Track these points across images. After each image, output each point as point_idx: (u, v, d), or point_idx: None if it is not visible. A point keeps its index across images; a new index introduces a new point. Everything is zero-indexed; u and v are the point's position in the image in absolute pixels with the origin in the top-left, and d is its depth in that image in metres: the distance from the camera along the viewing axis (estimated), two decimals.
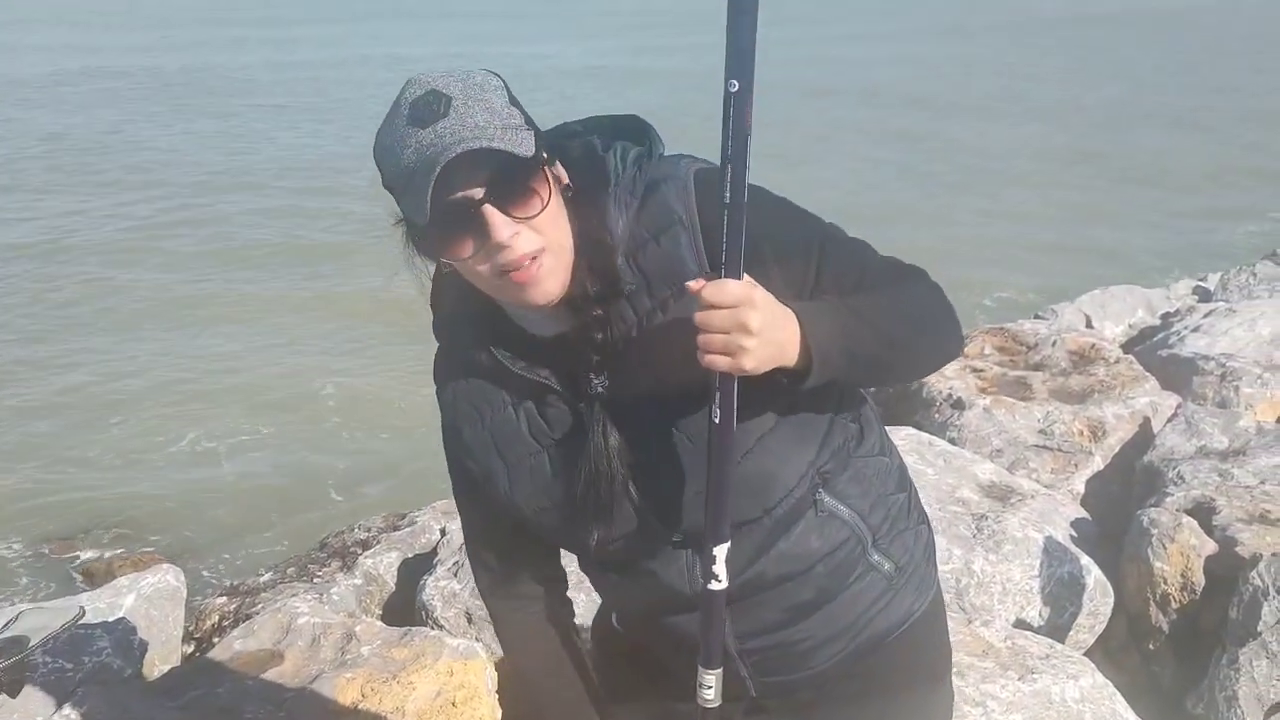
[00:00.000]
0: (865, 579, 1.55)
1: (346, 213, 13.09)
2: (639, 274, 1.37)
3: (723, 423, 1.32)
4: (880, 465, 1.60)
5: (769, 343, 1.24)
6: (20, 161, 16.04)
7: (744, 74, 1.17)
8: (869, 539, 1.55)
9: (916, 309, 1.42)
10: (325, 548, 4.37)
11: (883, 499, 1.58)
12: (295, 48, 32.98)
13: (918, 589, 1.62)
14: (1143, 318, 6.44)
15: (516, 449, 1.49)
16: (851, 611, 1.55)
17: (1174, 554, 3.52)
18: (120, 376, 7.91)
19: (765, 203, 1.39)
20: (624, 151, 1.40)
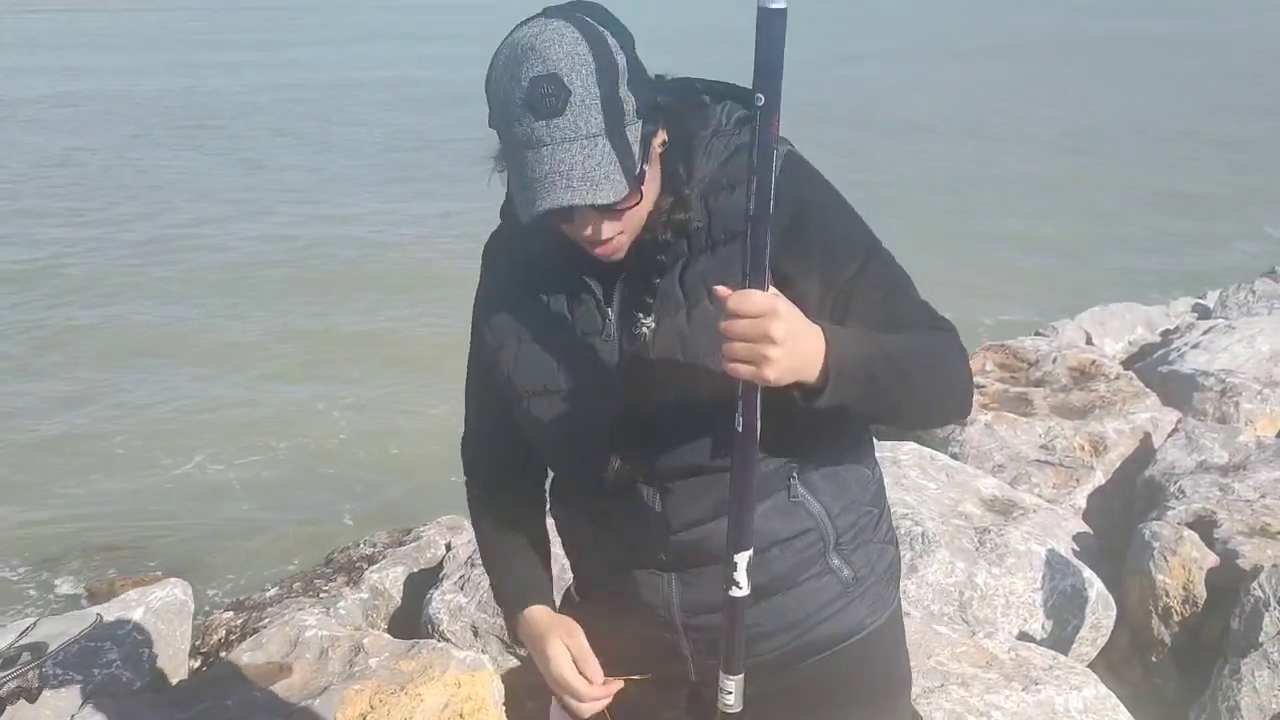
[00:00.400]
0: (821, 580, 1.56)
1: (354, 239, 13.18)
2: (705, 213, 1.43)
3: (745, 431, 1.33)
4: (860, 474, 1.62)
5: (792, 354, 1.25)
6: (20, 184, 16.14)
7: (770, 88, 1.20)
8: (832, 540, 1.56)
9: (940, 364, 1.45)
10: (331, 563, 4.39)
11: (855, 506, 1.59)
12: (293, 70, 33.15)
13: (874, 604, 1.62)
14: (1142, 335, 6.48)
15: (535, 329, 1.53)
16: (801, 608, 1.55)
17: (1176, 567, 3.54)
18: (124, 402, 7.92)
19: (828, 198, 1.46)
20: (731, 109, 1.48)
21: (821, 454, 1.53)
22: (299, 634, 3.30)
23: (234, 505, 6.28)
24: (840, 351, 1.30)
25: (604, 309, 1.47)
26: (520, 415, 1.57)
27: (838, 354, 1.30)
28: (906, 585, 3.50)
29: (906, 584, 3.50)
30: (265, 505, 6.28)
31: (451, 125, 21.13)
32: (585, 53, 1.30)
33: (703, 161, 1.44)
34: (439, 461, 6.74)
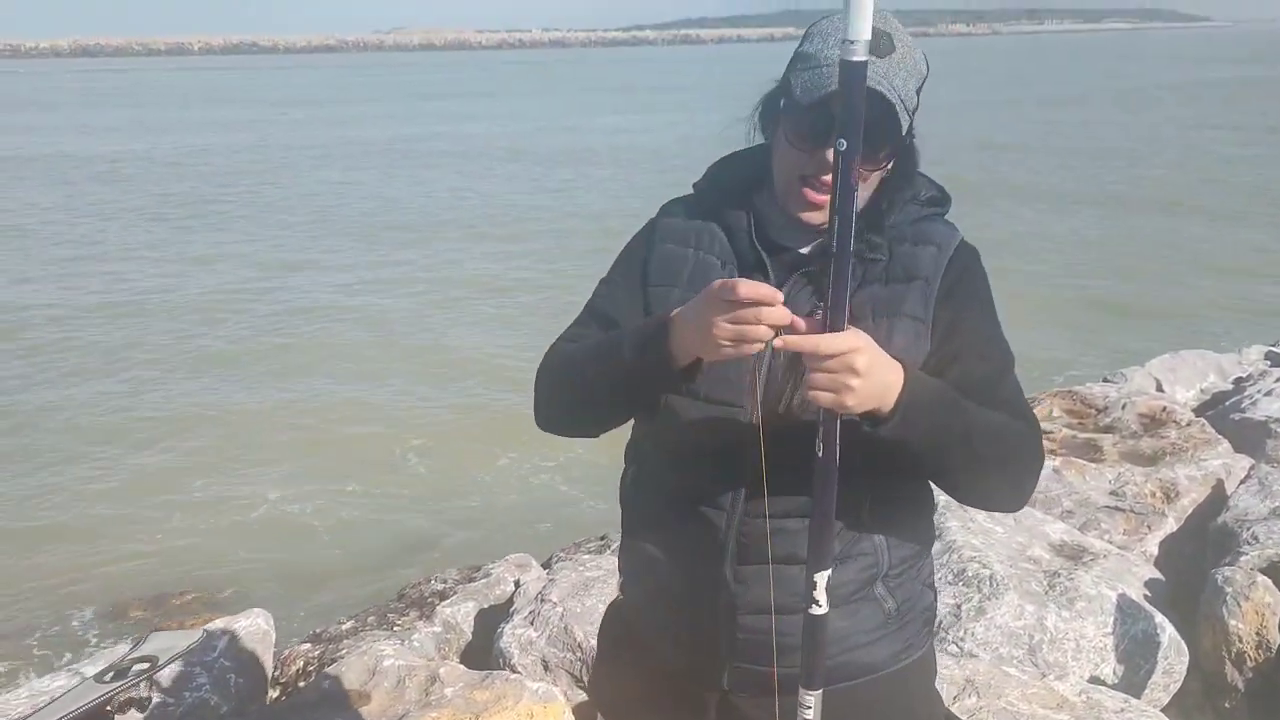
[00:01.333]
0: (865, 606, 1.62)
1: (436, 272, 13.48)
2: (888, 253, 1.60)
3: (826, 456, 1.40)
4: (920, 517, 1.70)
5: (874, 384, 1.36)
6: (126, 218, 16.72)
7: (851, 134, 1.29)
8: (883, 570, 1.63)
9: (1009, 447, 1.52)
10: (403, 598, 4.48)
11: (908, 545, 1.66)
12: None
13: (908, 642, 1.67)
14: (1214, 382, 6.40)
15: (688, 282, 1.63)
16: (841, 629, 1.59)
17: (1249, 612, 3.51)
18: (200, 446, 8.19)
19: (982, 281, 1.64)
20: (929, 188, 1.68)
21: (891, 490, 1.59)
22: (377, 663, 3.39)
23: (309, 543, 6.43)
24: (916, 389, 1.41)
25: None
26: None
27: (913, 391, 1.40)
28: (974, 628, 3.50)
29: (974, 626, 3.51)
30: (339, 543, 6.42)
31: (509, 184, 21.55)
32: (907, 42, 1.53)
33: (899, 210, 1.62)
34: (507, 504, 6.87)
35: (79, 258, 14.90)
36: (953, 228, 1.66)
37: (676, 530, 1.64)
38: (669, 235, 1.69)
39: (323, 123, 37.21)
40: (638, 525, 1.74)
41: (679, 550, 1.64)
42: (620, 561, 1.82)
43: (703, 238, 1.66)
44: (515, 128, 34.53)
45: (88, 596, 5.78)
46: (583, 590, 3.83)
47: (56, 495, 7.30)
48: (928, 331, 1.56)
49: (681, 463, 1.63)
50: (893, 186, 1.62)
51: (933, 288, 1.57)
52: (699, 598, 1.62)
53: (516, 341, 10.32)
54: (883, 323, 1.55)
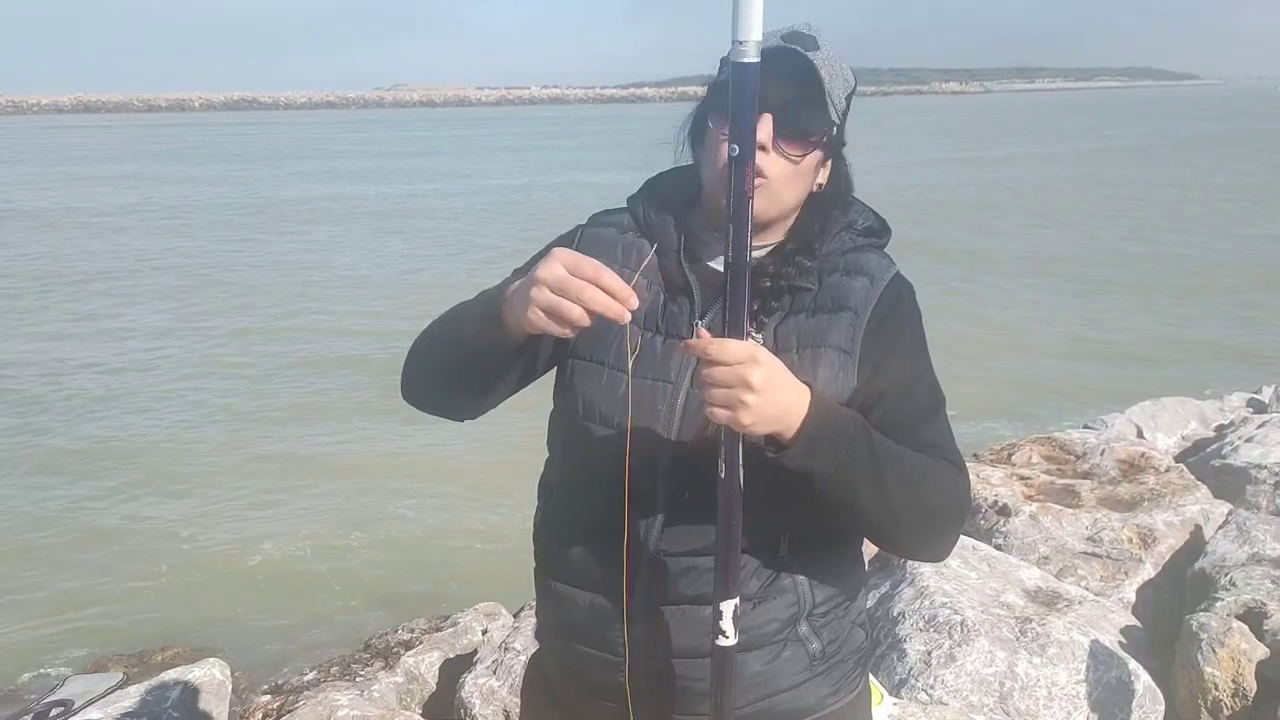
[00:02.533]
0: (788, 648, 1.53)
1: (406, 315, 13.44)
2: (818, 282, 1.53)
3: (728, 478, 1.34)
4: (847, 553, 1.61)
5: (770, 403, 1.28)
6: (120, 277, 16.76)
7: (743, 139, 1.24)
8: (807, 608, 1.54)
9: (928, 488, 1.43)
10: (369, 649, 4.41)
11: (834, 583, 1.57)
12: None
13: (837, 685, 1.59)
14: (1196, 429, 6.36)
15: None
16: (763, 673, 1.52)
17: (1225, 659, 3.44)
18: (169, 482, 8.16)
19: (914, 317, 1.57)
20: (867, 216, 1.63)
21: (813, 524, 1.49)
22: (331, 713, 3.31)
23: (278, 593, 6.33)
24: (822, 416, 1.33)
25: (694, 320, 1.50)
26: (561, 371, 1.58)
27: (819, 418, 1.33)
28: (944, 674, 3.43)
29: (944, 673, 3.43)
30: (309, 593, 6.32)
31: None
32: (834, 52, 1.50)
33: (832, 238, 1.56)
34: (480, 554, 6.78)
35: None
36: (888, 260, 1.59)
37: (582, 567, 1.56)
38: (596, 246, 1.58)
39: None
40: (546, 562, 1.65)
41: (584, 588, 1.56)
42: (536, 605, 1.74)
43: (630, 254, 1.58)
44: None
45: (42, 647, 5.65)
46: None
47: (16, 542, 7.24)
48: (854, 366, 1.49)
49: (589, 495, 1.54)
50: (825, 211, 1.56)
51: (861, 320, 1.50)
52: (603, 639, 1.54)
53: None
54: (807, 353, 1.48)
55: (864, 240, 1.59)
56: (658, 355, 1.51)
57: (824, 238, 1.55)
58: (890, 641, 3.65)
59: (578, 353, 1.55)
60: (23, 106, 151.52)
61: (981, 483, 5.01)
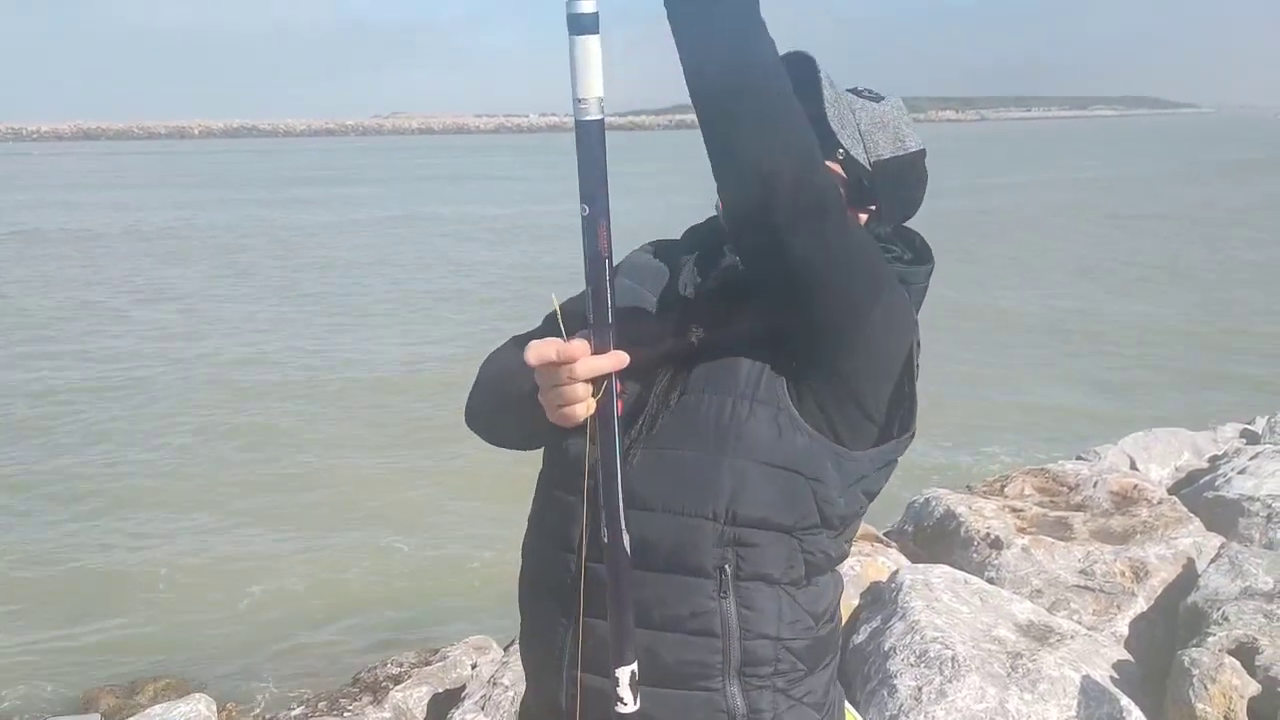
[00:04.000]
0: (710, 698, 1.41)
1: (404, 342, 13.46)
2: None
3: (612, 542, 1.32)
4: (803, 620, 1.46)
5: None
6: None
7: (595, 199, 1.22)
8: (735, 662, 1.41)
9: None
10: (357, 683, 4.38)
11: (779, 645, 1.43)
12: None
13: None
14: (1189, 460, 6.35)
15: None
16: (678, 715, 1.41)
17: (1216, 695, 3.42)
18: (152, 509, 8.15)
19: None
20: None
21: (765, 563, 1.41)
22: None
23: (266, 627, 6.28)
24: None
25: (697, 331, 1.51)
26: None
27: None
28: (935, 710, 3.41)
29: (935, 709, 3.41)
30: (294, 627, 6.27)
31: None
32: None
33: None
34: (470, 587, 6.74)
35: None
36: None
37: (534, 571, 1.56)
38: (629, 269, 1.61)
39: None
40: (522, 576, 1.64)
41: (539, 594, 1.54)
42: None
43: (650, 277, 1.59)
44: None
45: (25, 681, 5.60)
46: None
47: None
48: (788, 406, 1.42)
49: (551, 500, 1.53)
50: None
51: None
52: (548, 648, 1.50)
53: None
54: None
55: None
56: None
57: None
58: (880, 677, 3.63)
59: None
60: (22, 133, 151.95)
61: (974, 515, 5.00)
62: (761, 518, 1.39)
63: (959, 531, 4.92)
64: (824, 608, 1.49)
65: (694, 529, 1.39)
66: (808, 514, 1.41)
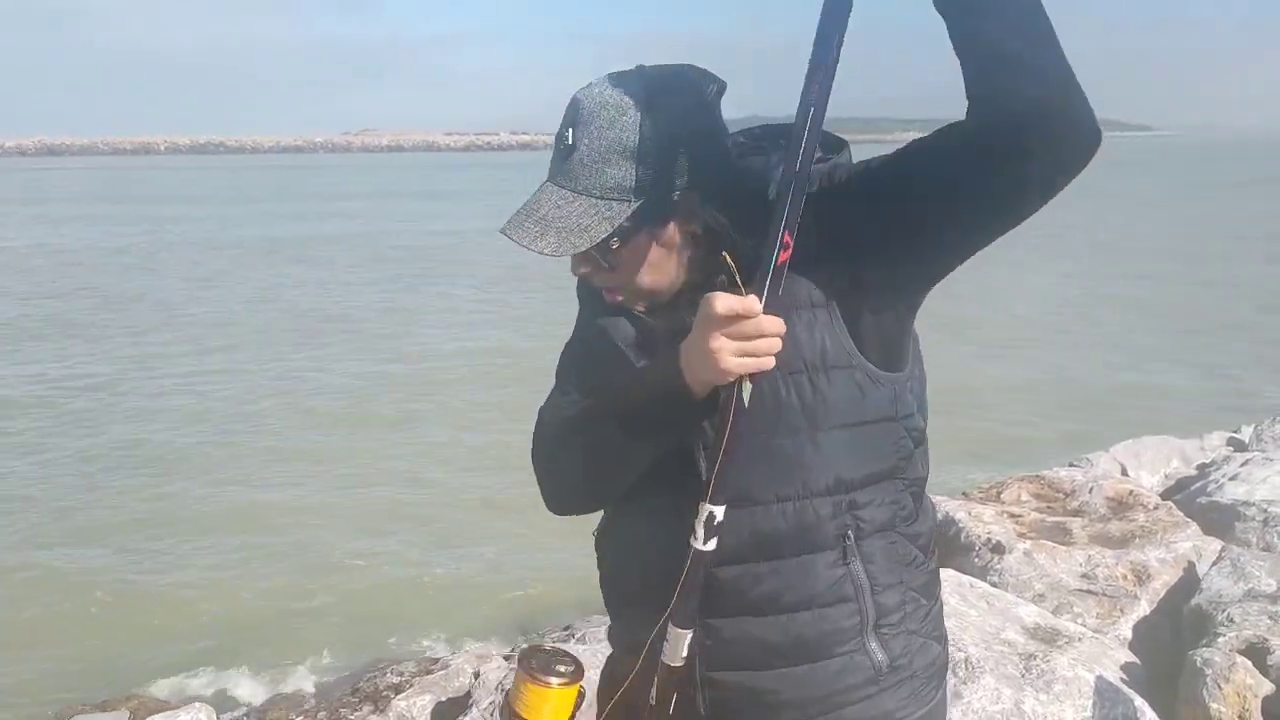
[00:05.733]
0: (852, 659, 1.49)
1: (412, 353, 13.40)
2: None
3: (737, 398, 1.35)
4: (917, 557, 1.56)
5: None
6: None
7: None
8: (872, 619, 1.50)
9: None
10: (357, 693, 4.31)
11: (903, 589, 1.53)
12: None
13: (909, 698, 1.54)
14: (1178, 467, 6.40)
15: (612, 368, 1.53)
16: (826, 685, 1.49)
17: (1230, 695, 3.42)
18: (147, 519, 8.09)
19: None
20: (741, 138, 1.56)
21: (879, 514, 1.47)
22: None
23: (258, 635, 6.20)
24: None
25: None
26: None
27: None
28: (951, 712, 3.38)
29: (952, 711, 3.38)
30: (289, 639, 6.19)
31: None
32: (603, 118, 1.38)
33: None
34: (470, 597, 6.69)
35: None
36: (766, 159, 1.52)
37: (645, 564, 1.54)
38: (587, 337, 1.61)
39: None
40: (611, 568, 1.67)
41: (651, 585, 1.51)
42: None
43: (606, 333, 1.57)
44: None
45: (23, 691, 5.50)
46: None
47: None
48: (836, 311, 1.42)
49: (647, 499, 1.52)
50: (729, 239, 1.44)
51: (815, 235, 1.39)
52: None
53: (476, 422, 10.27)
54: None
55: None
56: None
57: (737, 265, 1.42)
58: None
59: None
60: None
61: (974, 520, 5.01)
62: (867, 474, 1.46)
63: (959, 537, 4.92)
64: (928, 538, 1.60)
65: (811, 510, 1.44)
66: (902, 449, 1.50)
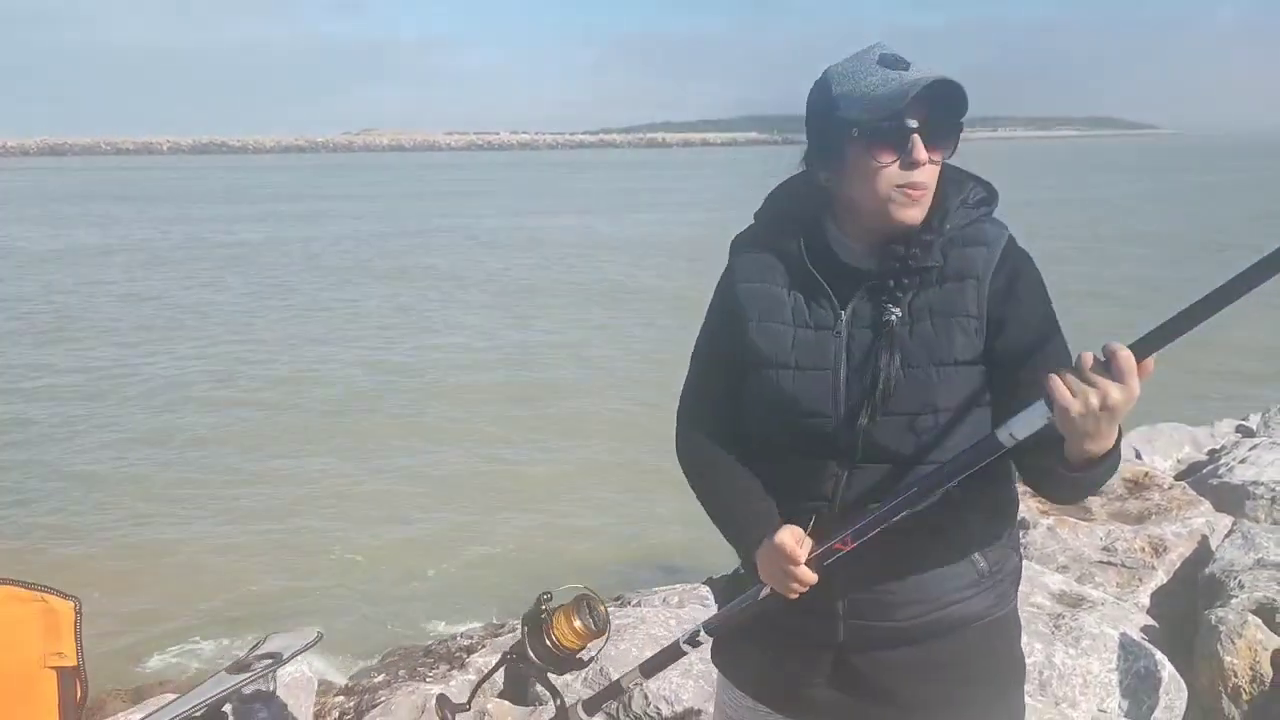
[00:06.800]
0: (960, 566, 1.83)
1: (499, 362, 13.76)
2: (942, 258, 1.77)
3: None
4: (1007, 491, 1.90)
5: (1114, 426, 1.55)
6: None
7: None
8: (977, 537, 1.85)
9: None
10: (430, 654, 4.63)
11: (996, 516, 1.88)
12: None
13: (999, 598, 1.88)
14: (1190, 453, 6.72)
15: (773, 317, 1.86)
16: (940, 587, 1.82)
17: (1243, 649, 3.75)
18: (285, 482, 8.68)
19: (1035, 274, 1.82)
20: (977, 189, 1.86)
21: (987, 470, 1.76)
22: (425, 702, 3.55)
23: (327, 597, 6.61)
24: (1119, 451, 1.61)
25: (838, 310, 1.81)
26: (758, 382, 1.86)
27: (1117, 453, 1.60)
28: None
29: None
30: (361, 596, 6.58)
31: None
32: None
33: (952, 216, 1.80)
34: (526, 565, 7.08)
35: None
36: (1001, 226, 1.83)
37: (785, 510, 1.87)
38: (744, 273, 1.91)
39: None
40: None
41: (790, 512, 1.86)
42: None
43: (766, 271, 1.89)
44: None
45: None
46: (615, 635, 4.01)
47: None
48: (982, 328, 1.75)
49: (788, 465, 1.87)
50: (944, 192, 1.80)
51: (984, 285, 1.75)
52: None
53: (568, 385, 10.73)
54: (940, 322, 1.74)
55: (978, 211, 1.83)
56: (812, 347, 1.82)
57: (945, 216, 1.79)
58: None
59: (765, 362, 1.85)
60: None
61: None
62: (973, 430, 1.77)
63: None
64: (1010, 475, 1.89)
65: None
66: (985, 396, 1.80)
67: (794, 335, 1.83)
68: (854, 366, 1.77)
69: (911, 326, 1.76)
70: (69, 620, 1.78)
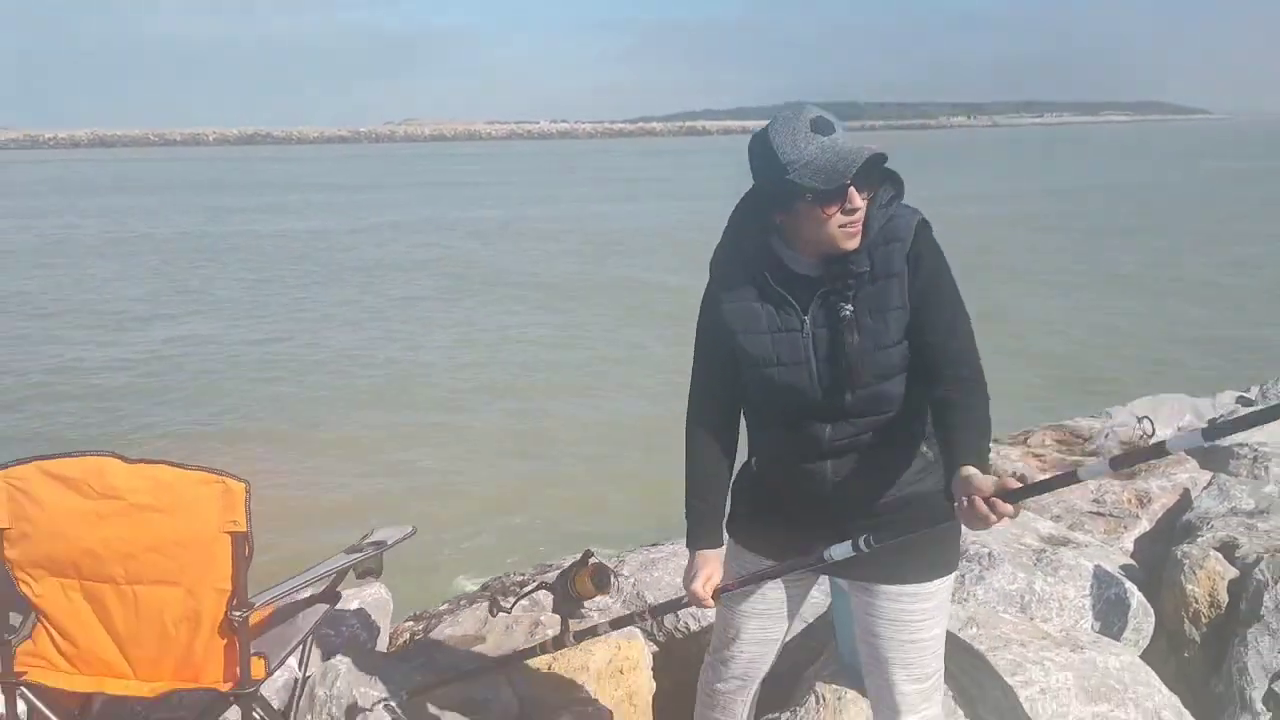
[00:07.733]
0: (921, 457, 2.51)
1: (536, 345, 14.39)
2: (869, 260, 2.35)
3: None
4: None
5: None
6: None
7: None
8: (927, 433, 2.49)
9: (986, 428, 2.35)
10: (488, 589, 5.21)
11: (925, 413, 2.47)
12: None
13: (937, 479, 2.44)
14: (1191, 421, 7.17)
15: (754, 329, 2.44)
16: (909, 474, 2.50)
17: (1203, 578, 4.25)
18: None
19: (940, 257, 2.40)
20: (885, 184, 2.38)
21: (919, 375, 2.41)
22: (487, 616, 4.13)
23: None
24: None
25: (802, 316, 2.41)
26: (753, 377, 2.48)
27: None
28: (976, 590, 4.25)
29: (976, 589, 4.25)
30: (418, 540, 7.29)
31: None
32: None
33: (873, 221, 2.35)
34: (570, 512, 7.76)
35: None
36: (911, 212, 2.37)
37: (789, 456, 2.54)
38: (724, 294, 2.49)
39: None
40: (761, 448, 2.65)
41: (793, 457, 2.52)
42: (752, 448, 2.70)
43: (740, 289, 2.46)
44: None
45: None
46: (650, 566, 4.59)
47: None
48: (906, 314, 2.36)
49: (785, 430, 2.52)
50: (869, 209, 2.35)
51: (904, 281, 2.35)
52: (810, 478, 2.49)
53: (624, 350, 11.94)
54: (879, 316, 2.35)
55: (891, 209, 2.36)
56: (788, 347, 2.42)
57: (868, 224, 2.34)
58: None
59: (757, 363, 2.46)
60: (39, 140, 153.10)
61: (1001, 459, 5.84)
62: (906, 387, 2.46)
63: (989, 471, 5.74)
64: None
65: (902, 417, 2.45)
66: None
67: (772, 339, 2.43)
68: (822, 357, 2.39)
69: (858, 320, 2.36)
70: (241, 497, 2.37)
